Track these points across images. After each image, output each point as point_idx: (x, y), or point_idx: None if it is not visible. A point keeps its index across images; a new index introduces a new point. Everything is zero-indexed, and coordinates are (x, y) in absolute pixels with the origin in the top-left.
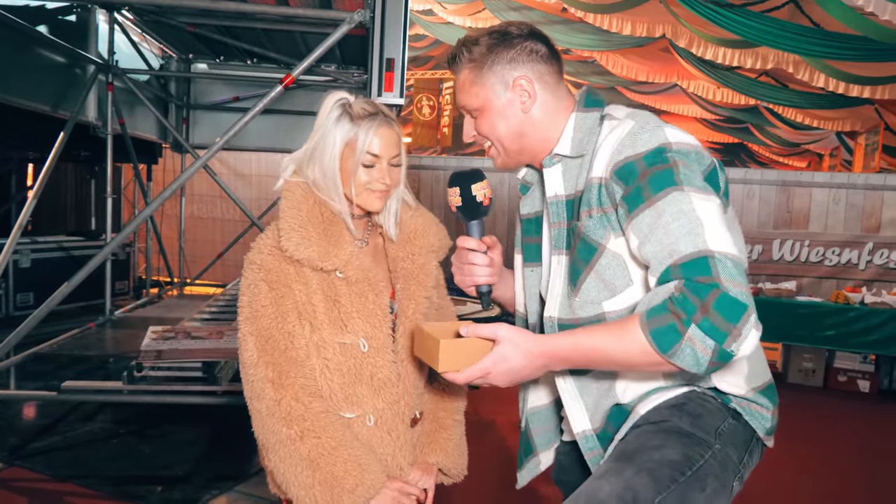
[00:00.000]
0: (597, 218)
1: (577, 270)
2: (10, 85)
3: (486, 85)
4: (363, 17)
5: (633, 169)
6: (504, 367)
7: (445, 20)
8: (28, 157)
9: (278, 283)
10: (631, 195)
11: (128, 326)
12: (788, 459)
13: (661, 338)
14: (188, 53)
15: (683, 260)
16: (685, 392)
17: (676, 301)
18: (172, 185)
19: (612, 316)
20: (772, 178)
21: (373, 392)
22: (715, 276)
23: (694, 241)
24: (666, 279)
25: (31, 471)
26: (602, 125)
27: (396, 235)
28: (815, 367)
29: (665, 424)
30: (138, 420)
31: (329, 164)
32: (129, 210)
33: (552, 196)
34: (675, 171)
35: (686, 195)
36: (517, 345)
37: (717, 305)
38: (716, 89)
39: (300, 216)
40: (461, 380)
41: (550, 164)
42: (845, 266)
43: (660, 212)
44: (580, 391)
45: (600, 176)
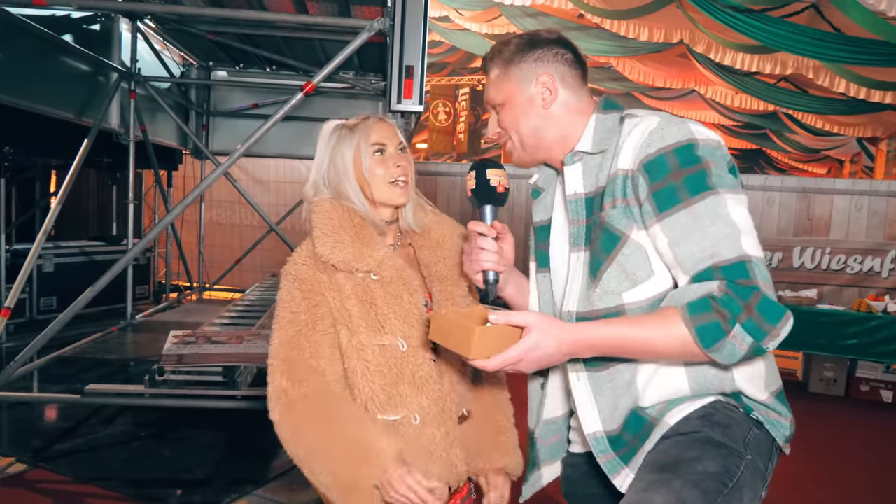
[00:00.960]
0: (621, 208)
1: (598, 262)
2: (36, 92)
3: (511, 80)
4: (383, 24)
5: (663, 164)
6: (536, 354)
7: (462, 27)
8: (52, 164)
9: (312, 291)
10: (663, 193)
11: (148, 330)
12: (809, 470)
13: (706, 334)
14: (208, 61)
15: (725, 263)
16: (712, 402)
17: (722, 301)
18: (194, 191)
19: (631, 307)
20: (792, 184)
21: (416, 390)
22: (754, 280)
23: (733, 246)
24: (705, 279)
25: (54, 472)
26: (623, 124)
27: (421, 239)
28: (836, 376)
29: (697, 435)
30: (159, 423)
31: (345, 175)
32: (150, 215)
33: (572, 194)
34: (708, 173)
35: (721, 198)
36: (548, 332)
37: (760, 307)
38: (734, 95)
39: (332, 222)
40: (491, 367)
41: (571, 162)
42: (867, 274)
43: (696, 214)
44: (594, 391)
45: (627, 168)
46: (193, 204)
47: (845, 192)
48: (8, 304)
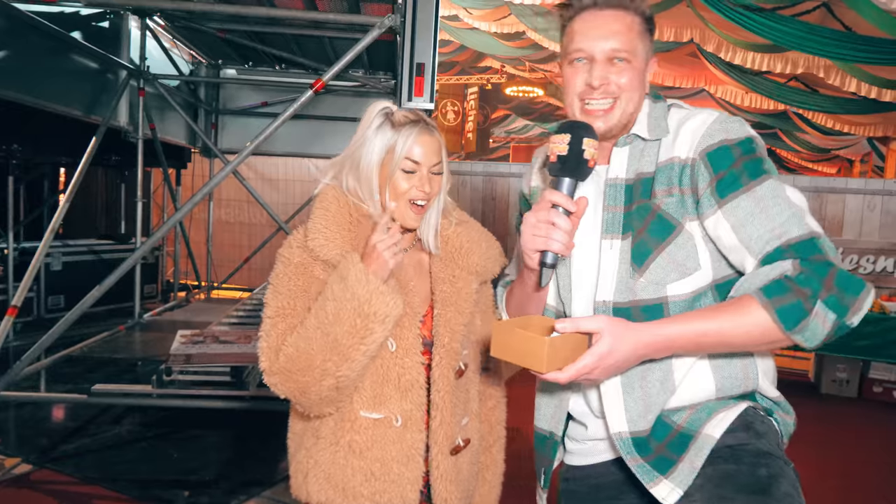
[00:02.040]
0: (677, 197)
1: (646, 250)
2: (44, 90)
3: (644, 42)
4: (393, 21)
5: (728, 154)
6: (610, 360)
7: (471, 26)
8: (60, 162)
9: (306, 274)
10: (725, 180)
11: (156, 330)
12: (822, 471)
13: (788, 315)
14: (218, 59)
15: (795, 241)
16: (745, 410)
17: (799, 280)
18: (203, 189)
19: (673, 300)
20: (804, 184)
21: (400, 394)
22: (826, 255)
23: (800, 224)
24: (775, 259)
25: (60, 473)
26: (670, 111)
27: (438, 250)
28: (849, 377)
29: (749, 448)
30: (166, 423)
31: (367, 171)
32: (158, 214)
33: (612, 178)
34: (763, 161)
35: (779, 182)
36: (623, 336)
37: (839, 282)
38: (744, 94)
39: (328, 217)
40: (564, 379)
41: (624, 144)
42: (880, 274)
43: (759, 197)
44: (624, 389)
45: (686, 157)
46: (202, 202)
47: (858, 192)
48: (15, 303)
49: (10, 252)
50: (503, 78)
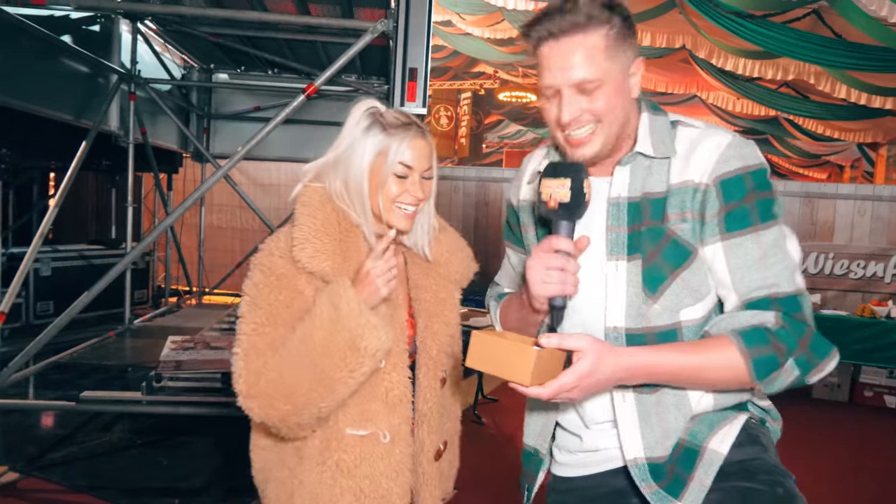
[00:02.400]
0: (690, 222)
1: (659, 275)
2: (34, 93)
3: (617, 59)
4: (386, 26)
5: (741, 184)
6: (590, 380)
7: (464, 31)
8: (50, 166)
9: (289, 288)
10: (735, 214)
11: (147, 336)
12: (813, 475)
13: (762, 367)
14: (210, 63)
15: (783, 295)
16: (743, 420)
17: (779, 336)
18: (194, 194)
19: (687, 325)
20: (795, 189)
21: (388, 409)
22: (804, 314)
23: (791, 279)
24: (761, 307)
25: (48, 481)
26: (676, 129)
27: (416, 256)
28: (840, 381)
29: (757, 463)
30: (156, 430)
31: (356, 175)
32: (149, 219)
33: (615, 197)
34: (775, 202)
35: (782, 230)
36: (604, 358)
37: (813, 344)
38: (735, 100)
39: (315, 224)
40: (546, 395)
41: (626, 163)
42: (871, 279)
43: (762, 242)
44: (640, 415)
45: (699, 181)
46: (193, 207)
47: (848, 197)
48: (3, 309)
49: None
50: (496, 83)
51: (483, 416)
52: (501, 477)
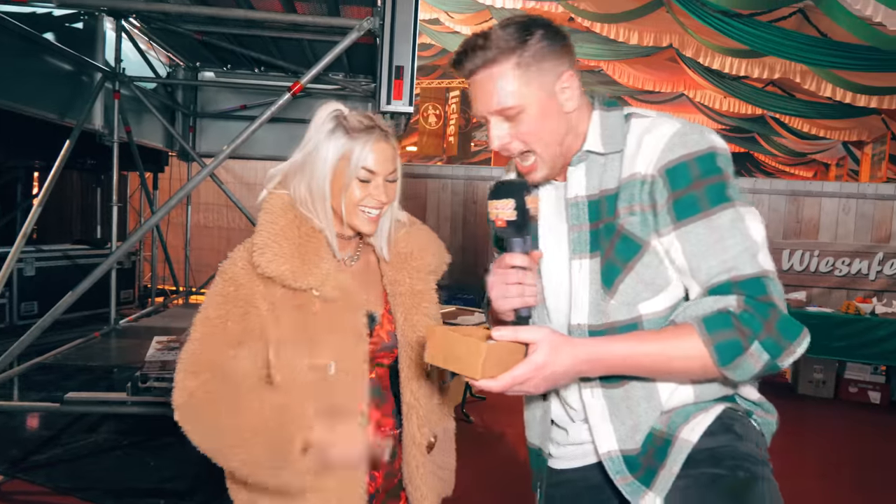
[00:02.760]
0: (639, 215)
1: (614, 270)
2: (17, 92)
3: (534, 82)
4: (372, 24)
5: (685, 172)
6: (545, 372)
7: (452, 29)
8: (34, 165)
9: (245, 300)
10: (683, 202)
11: (133, 336)
12: (798, 471)
13: (725, 352)
14: (195, 62)
15: (744, 278)
16: (722, 410)
17: (742, 319)
18: (179, 193)
19: (648, 318)
20: (781, 187)
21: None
22: (770, 296)
23: (752, 261)
24: (722, 292)
25: (32, 483)
26: (629, 122)
27: (389, 257)
28: (825, 378)
29: (727, 450)
30: (142, 431)
31: (319, 179)
32: (135, 218)
33: (573, 196)
34: (727, 185)
35: (738, 212)
36: (559, 349)
37: (780, 325)
38: (722, 99)
39: (275, 230)
40: (497, 388)
41: (578, 162)
42: (855, 276)
43: (715, 226)
44: (610, 409)
45: (645, 173)
46: (180, 207)
47: (833, 195)
48: None
49: None
50: None
51: (471, 415)
52: (491, 474)
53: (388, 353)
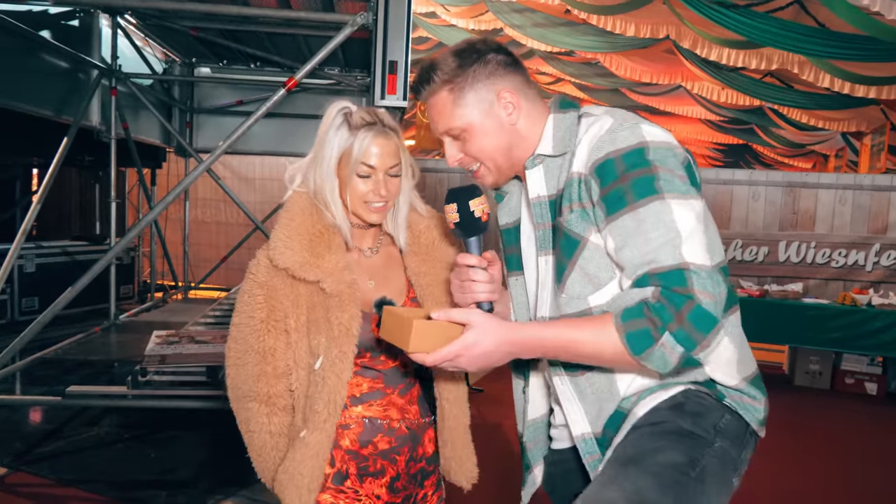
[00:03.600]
0: (578, 212)
1: (561, 266)
2: (14, 90)
3: (469, 104)
4: (366, 19)
5: (612, 168)
6: (475, 351)
7: (448, 23)
8: (32, 163)
9: (272, 297)
10: (611, 196)
11: (132, 331)
12: (794, 461)
13: (635, 341)
14: (191, 57)
15: (661, 270)
16: (682, 391)
17: (653, 308)
18: (176, 188)
19: (597, 310)
20: (777, 179)
21: (331, 412)
22: (690, 288)
23: (672, 253)
24: (643, 284)
25: (35, 475)
26: (580, 123)
27: (409, 245)
28: (821, 369)
29: (665, 426)
30: (143, 424)
31: (326, 173)
32: (134, 214)
33: (535, 197)
34: (655, 178)
35: (666, 204)
36: (488, 330)
37: (692, 317)
38: (720, 90)
39: (290, 226)
40: (430, 361)
41: (532, 166)
42: (852, 268)
43: (640, 219)
44: (577, 394)
45: (580, 171)
46: (178, 202)
47: (830, 187)
48: None
49: None
50: None
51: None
52: (488, 466)
53: None
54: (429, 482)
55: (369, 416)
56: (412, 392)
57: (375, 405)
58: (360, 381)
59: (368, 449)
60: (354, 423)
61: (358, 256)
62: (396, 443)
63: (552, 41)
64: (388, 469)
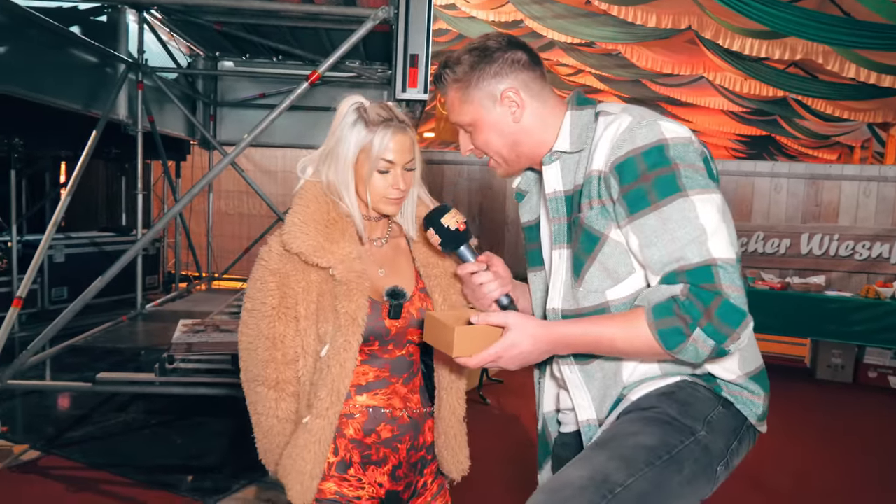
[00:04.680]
0: (597, 209)
1: (580, 261)
2: (44, 84)
3: (474, 102)
4: (387, 13)
5: (633, 167)
6: (514, 352)
7: (468, 14)
8: (61, 155)
9: (284, 285)
10: (633, 195)
11: (158, 320)
12: (817, 456)
13: (668, 337)
14: (215, 51)
15: (689, 267)
16: (677, 381)
17: (683, 306)
18: (201, 181)
19: (615, 304)
20: (800, 170)
21: (335, 399)
22: (717, 284)
23: (699, 250)
24: (671, 282)
25: (67, 459)
26: (597, 121)
27: (419, 237)
28: (844, 362)
29: (651, 412)
30: (170, 411)
31: (343, 168)
32: (159, 206)
33: (551, 192)
34: (677, 175)
35: (690, 201)
36: (525, 331)
37: (720, 312)
38: (743, 81)
39: (306, 212)
40: (473, 364)
41: (550, 162)
42: (876, 260)
43: (665, 218)
44: (586, 381)
45: (600, 169)
46: (202, 194)
47: (853, 178)
48: (20, 294)
49: (13, 245)
50: None
51: (488, 397)
52: (507, 456)
53: (417, 329)
54: (428, 470)
55: (373, 406)
56: (415, 381)
57: (380, 394)
58: (367, 370)
59: (372, 438)
60: (358, 412)
61: (368, 246)
62: (399, 431)
63: (572, 32)
64: (391, 457)
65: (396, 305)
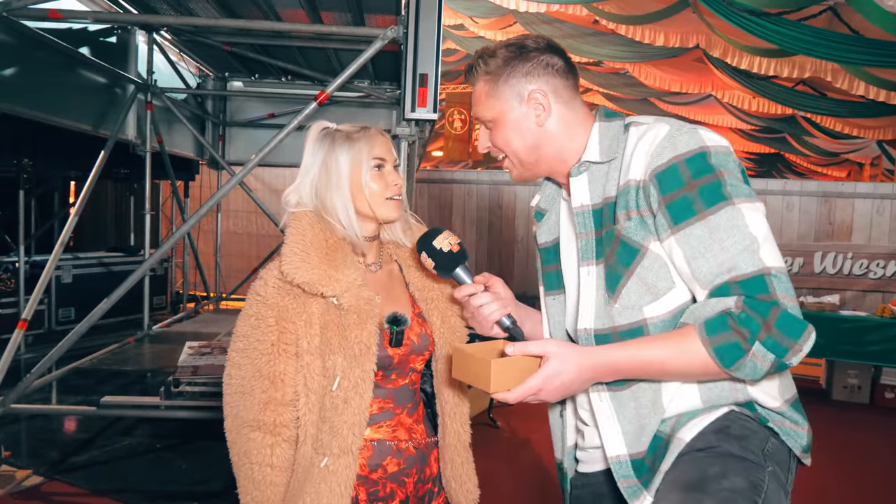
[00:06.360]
0: (636, 220)
1: (616, 276)
2: (54, 104)
3: (501, 97)
4: (396, 33)
5: (676, 174)
6: (556, 382)
7: (477, 34)
8: (70, 175)
9: (283, 319)
10: (676, 204)
11: (165, 341)
12: (834, 479)
13: (725, 354)
14: (224, 72)
15: (743, 278)
16: (725, 414)
17: (740, 319)
18: (209, 201)
19: (653, 321)
20: (812, 188)
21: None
22: (773, 294)
23: (752, 259)
24: (723, 294)
25: (70, 485)
26: (628, 131)
27: (409, 261)
28: (860, 383)
29: (716, 450)
30: (176, 435)
31: (339, 186)
32: (167, 226)
33: (578, 206)
34: (722, 183)
35: (737, 209)
36: (567, 359)
37: (780, 324)
38: (751, 99)
39: (304, 241)
40: (513, 398)
41: (578, 173)
42: (891, 279)
43: (713, 227)
44: (618, 411)
45: (639, 178)
46: (210, 214)
47: (867, 196)
48: (25, 316)
49: (21, 265)
50: None
51: (498, 420)
52: (516, 479)
53: (418, 355)
54: (436, 503)
55: (378, 439)
56: (419, 411)
57: (384, 426)
58: (371, 402)
59: (378, 473)
60: (363, 446)
61: (364, 271)
62: (405, 464)
63: (580, 52)
64: (398, 492)
65: (398, 332)
